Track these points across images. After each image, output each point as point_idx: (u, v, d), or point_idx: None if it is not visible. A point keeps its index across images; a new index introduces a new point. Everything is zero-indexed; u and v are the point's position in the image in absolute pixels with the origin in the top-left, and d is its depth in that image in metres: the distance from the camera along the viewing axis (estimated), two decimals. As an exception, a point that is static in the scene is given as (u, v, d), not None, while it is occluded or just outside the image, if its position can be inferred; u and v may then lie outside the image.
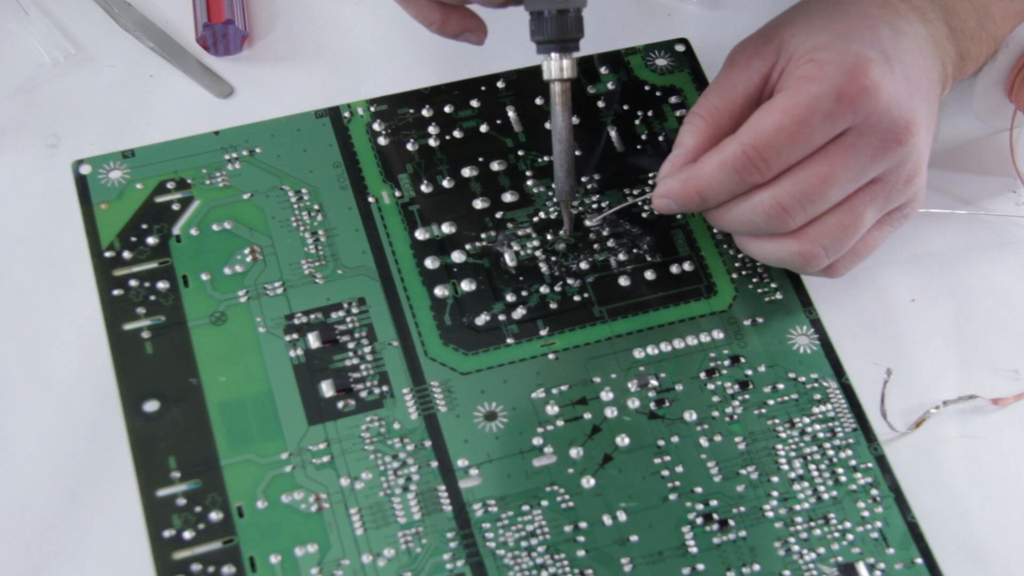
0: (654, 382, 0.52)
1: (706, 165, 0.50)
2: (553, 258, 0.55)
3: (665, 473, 0.50)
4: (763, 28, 0.53)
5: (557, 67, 0.51)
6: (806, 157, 0.49)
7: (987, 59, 0.56)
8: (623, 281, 0.54)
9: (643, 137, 0.58)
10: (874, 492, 0.51)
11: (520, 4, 0.50)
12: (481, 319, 0.53)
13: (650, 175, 0.57)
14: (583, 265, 0.55)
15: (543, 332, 0.53)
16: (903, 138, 0.49)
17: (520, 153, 0.57)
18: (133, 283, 0.53)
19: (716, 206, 0.51)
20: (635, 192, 0.56)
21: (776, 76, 0.51)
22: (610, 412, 0.52)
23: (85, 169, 0.55)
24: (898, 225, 0.52)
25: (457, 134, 0.58)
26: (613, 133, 0.58)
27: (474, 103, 0.58)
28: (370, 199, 0.56)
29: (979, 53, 0.55)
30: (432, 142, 0.57)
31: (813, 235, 0.50)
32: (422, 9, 0.52)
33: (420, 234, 0.55)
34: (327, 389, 0.51)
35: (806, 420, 0.52)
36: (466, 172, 0.57)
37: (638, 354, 0.53)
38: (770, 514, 0.50)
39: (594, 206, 0.56)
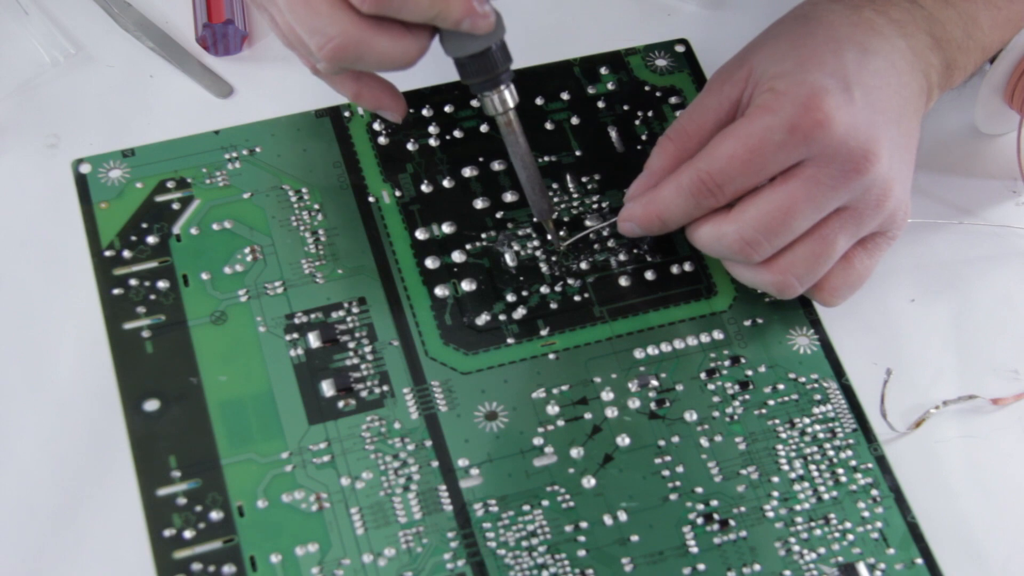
0: (654, 382, 0.52)
1: (665, 190, 0.51)
2: (553, 258, 0.55)
3: (666, 473, 0.50)
4: (739, 52, 0.53)
5: (492, 103, 0.51)
6: (767, 187, 0.49)
7: (976, 68, 0.56)
8: (623, 281, 0.55)
9: (643, 137, 0.58)
10: (874, 492, 0.51)
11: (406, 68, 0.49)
12: (481, 319, 0.53)
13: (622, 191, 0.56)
14: (583, 265, 0.55)
15: (543, 332, 0.53)
16: (863, 167, 0.49)
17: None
18: (133, 282, 0.52)
19: (679, 228, 0.52)
20: None
21: (745, 102, 0.51)
22: (611, 412, 0.52)
23: (85, 168, 0.55)
24: (885, 248, 0.52)
25: (457, 134, 0.58)
26: (613, 133, 0.58)
27: (474, 103, 0.58)
28: (370, 199, 0.56)
29: (967, 63, 0.54)
30: (432, 142, 0.57)
31: (785, 265, 0.51)
32: (338, 82, 0.51)
33: (420, 234, 0.55)
34: (327, 388, 0.51)
35: (806, 420, 0.52)
36: (466, 172, 0.57)
37: (638, 354, 0.53)
38: (770, 514, 0.50)
39: (594, 206, 0.56)
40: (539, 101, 0.59)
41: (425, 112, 0.58)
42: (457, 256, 0.54)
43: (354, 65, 0.48)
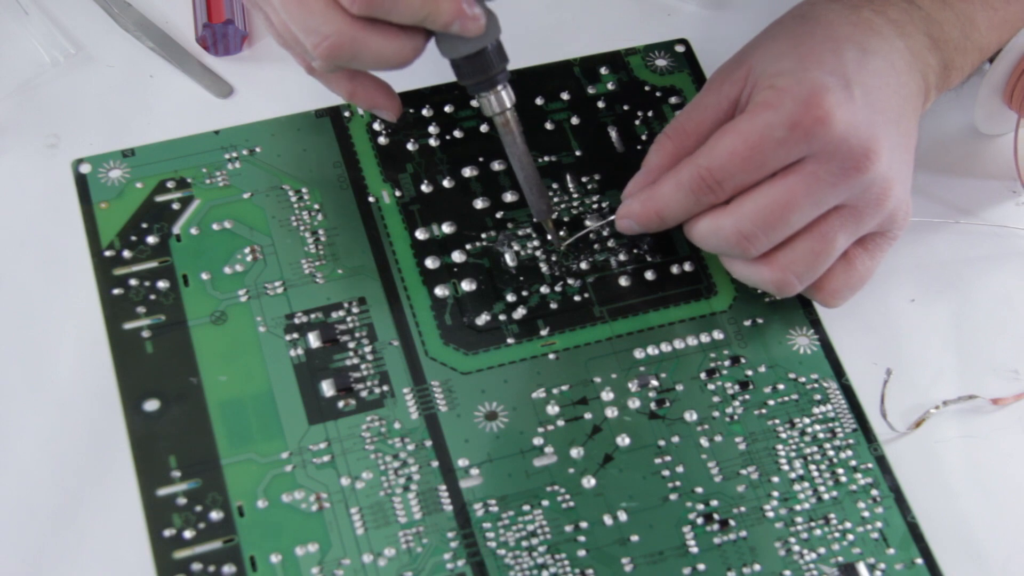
0: (654, 382, 0.52)
1: (664, 186, 0.51)
2: (553, 258, 0.55)
3: (666, 473, 0.51)
4: (739, 51, 0.53)
5: (489, 103, 0.51)
6: (767, 182, 0.49)
7: (973, 69, 0.56)
8: (623, 281, 0.55)
9: (643, 137, 0.58)
10: (874, 492, 0.51)
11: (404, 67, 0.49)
12: (481, 319, 0.53)
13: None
14: (583, 265, 0.55)
15: (543, 332, 0.53)
16: (863, 165, 0.49)
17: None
18: (133, 282, 0.52)
19: (677, 225, 0.52)
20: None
21: (744, 101, 0.51)
22: (611, 412, 0.52)
23: (85, 168, 0.55)
24: (886, 248, 0.52)
25: (457, 134, 0.58)
26: (613, 133, 0.58)
27: (474, 103, 0.58)
28: (370, 199, 0.56)
29: (964, 63, 0.55)
30: (432, 142, 0.57)
31: (784, 262, 0.51)
32: (332, 81, 0.51)
33: (420, 234, 0.55)
34: (327, 388, 0.51)
35: (806, 420, 0.52)
36: (466, 172, 0.57)
37: (638, 354, 0.53)
38: (770, 514, 0.50)
39: (594, 206, 0.56)
40: (539, 101, 0.59)
41: (425, 112, 0.58)
42: (457, 256, 0.55)
43: (349, 64, 0.48)
